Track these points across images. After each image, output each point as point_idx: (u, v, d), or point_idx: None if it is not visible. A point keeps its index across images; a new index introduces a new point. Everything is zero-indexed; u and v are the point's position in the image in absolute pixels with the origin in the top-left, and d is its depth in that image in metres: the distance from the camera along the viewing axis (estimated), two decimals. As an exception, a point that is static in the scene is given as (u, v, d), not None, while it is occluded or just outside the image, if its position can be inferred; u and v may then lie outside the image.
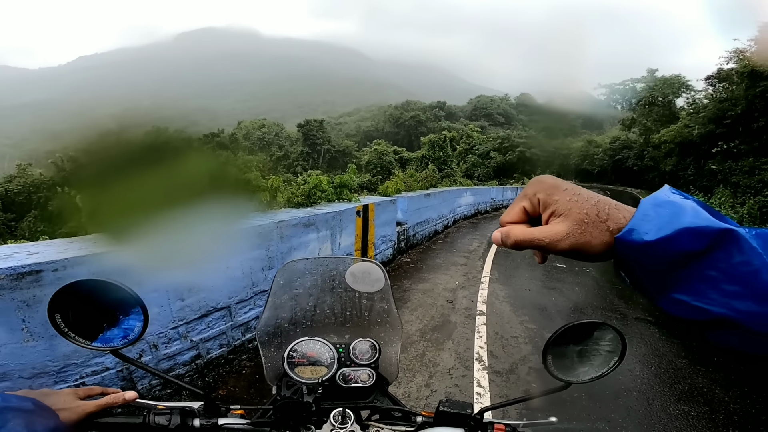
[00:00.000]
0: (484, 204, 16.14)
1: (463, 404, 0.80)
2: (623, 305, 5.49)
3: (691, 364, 3.78)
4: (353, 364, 0.96)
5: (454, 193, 11.86)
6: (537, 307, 5.12)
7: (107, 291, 0.70)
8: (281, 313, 1.04)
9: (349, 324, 1.07)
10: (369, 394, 0.96)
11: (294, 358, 0.95)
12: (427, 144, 27.46)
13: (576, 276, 6.92)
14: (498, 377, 3.34)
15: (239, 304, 3.25)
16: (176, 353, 2.78)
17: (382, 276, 1.04)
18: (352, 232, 4.95)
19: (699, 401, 3.14)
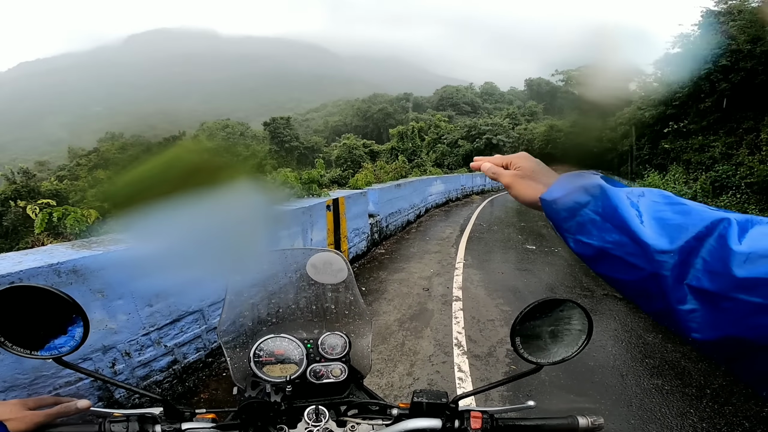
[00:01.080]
0: (454, 191, 16.38)
1: (438, 393, 0.78)
2: (591, 282, 5.69)
3: (660, 339, 3.95)
4: (323, 359, 0.93)
5: (424, 183, 11.94)
6: (510, 290, 5.24)
7: (43, 298, 0.67)
8: (242, 311, 1.00)
9: (317, 318, 1.03)
10: (344, 389, 0.94)
11: (261, 357, 0.91)
12: (396, 136, 27.50)
13: (546, 256, 7.13)
14: (478, 361, 3.40)
15: (212, 307, 3.15)
16: (151, 360, 2.71)
17: (345, 266, 1.00)
18: (323, 226, 4.88)
19: (670, 375, 3.26)
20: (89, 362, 2.32)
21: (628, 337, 3.95)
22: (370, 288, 5.19)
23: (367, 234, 6.80)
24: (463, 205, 15.28)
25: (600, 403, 2.85)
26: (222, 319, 0.96)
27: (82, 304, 2.17)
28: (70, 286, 2.21)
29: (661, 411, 2.79)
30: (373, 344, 3.55)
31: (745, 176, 16.01)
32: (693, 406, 2.85)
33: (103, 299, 2.38)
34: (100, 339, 2.37)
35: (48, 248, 2.52)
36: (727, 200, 15.88)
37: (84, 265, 2.27)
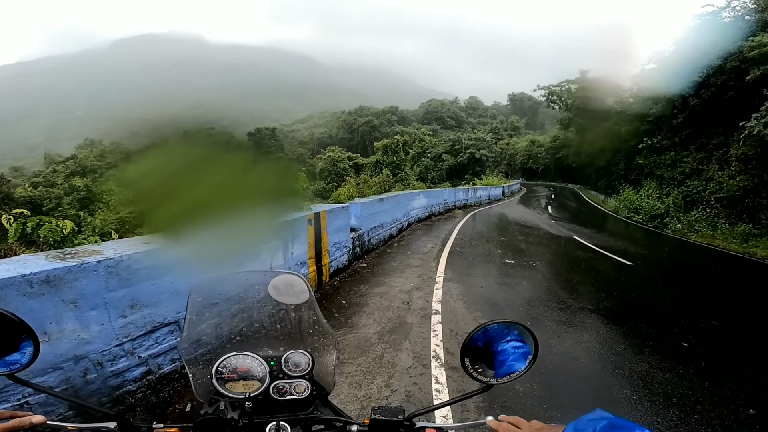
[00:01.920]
0: (437, 206, 16.52)
1: (395, 410, 0.80)
2: (567, 296, 5.85)
3: (630, 349, 4.10)
4: (287, 376, 0.95)
5: (407, 197, 12.06)
6: (489, 303, 5.34)
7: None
8: (205, 329, 1.01)
9: (281, 337, 1.04)
10: (308, 405, 0.95)
11: (224, 374, 0.92)
12: (381, 149, 27.69)
13: (524, 270, 7.28)
14: (455, 373, 3.45)
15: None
16: (124, 370, 2.70)
17: (306, 287, 1.03)
18: (304, 240, 4.90)
19: (639, 384, 3.38)
20: (60, 371, 2.32)
21: (600, 349, 4.07)
22: (350, 301, 5.21)
23: (349, 248, 6.83)
24: (446, 219, 15.46)
25: (571, 412, 2.93)
26: (183, 337, 0.98)
27: (54, 314, 2.21)
28: (42, 296, 2.21)
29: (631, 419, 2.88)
30: (345, 358, 3.60)
31: (714, 191, 16.64)
32: (660, 415, 2.97)
33: (76, 309, 2.39)
34: (72, 349, 2.38)
35: (21, 258, 2.51)
36: (698, 214, 16.47)
37: (57, 275, 2.28)
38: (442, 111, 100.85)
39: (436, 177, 33.13)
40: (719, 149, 18.07)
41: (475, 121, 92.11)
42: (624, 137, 28.15)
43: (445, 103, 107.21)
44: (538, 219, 17.06)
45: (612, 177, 31.91)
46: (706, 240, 13.63)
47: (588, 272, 7.44)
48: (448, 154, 35.33)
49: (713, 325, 4.91)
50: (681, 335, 4.53)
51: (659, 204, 18.88)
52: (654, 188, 20.94)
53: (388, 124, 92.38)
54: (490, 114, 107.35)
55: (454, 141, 36.65)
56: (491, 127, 62.45)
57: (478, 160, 35.12)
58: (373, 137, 71.38)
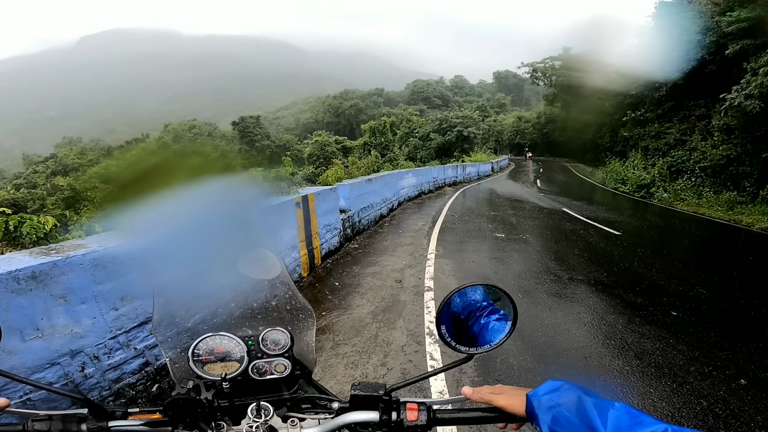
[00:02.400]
0: (426, 184, 16.55)
1: (375, 385, 0.78)
2: (558, 268, 5.96)
3: (621, 319, 4.18)
4: (266, 355, 0.92)
5: (396, 176, 12.04)
6: (481, 278, 5.41)
7: None
8: (176, 309, 0.97)
9: (260, 315, 1.00)
10: (291, 384, 0.94)
11: (200, 356, 0.89)
12: (368, 131, 27.40)
13: (515, 244, 7.37)
14: (449, 349, 3.50)
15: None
16: (122, 363, 2.70)
17: (276, 261, 0.99)
18: (293, 224, 4.88)
19: (630, 355, 3.44)
20: (57, 366, 2.33)
21: (591, 320, 4.16)
22: (343, 282, 5.24)
23: (339, 229, 6.83)
24: (436, 197, 15.50)
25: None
26: (155, 320, 0.95)
27: (44, 310, 2.19)
28: (30, 292, 2.19)
29: (622, 391, 2.96)
30: (340, 339, 3.63)
31: (698, 161, 16.92)
32: (652, 386, 3.02)
33: (66, 304, 2.37)
34: (67, 344, 2.37)
35: (5, 257, 2.47)
36: (683, 183, 16.78)
37: (43, 271, 2.25)
38: (428, 91, 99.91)
39: (425, 156, 33.01)
40: (701, 120, 18.35)
41: (462, 100, 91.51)
42: (608, 111, 28.33)
43: (431, 83, 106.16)
44: (527, 193, 17.20)
45: (598, 150, 32.15)
46: (692, 208, 13.91)
47: (577, 243, 7.56)
48: (436, 133, 35.15)
49: (701, 293, 5.03)
50: (670, 304, 4.64)
51: (645, 174, 19.15)
52: (639, 159, 21.20)
53: (375, 106, 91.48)
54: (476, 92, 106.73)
55: (442, 120, 36.42)
56: (478, 105, 62.20)
57: (466, 137, 35.00)
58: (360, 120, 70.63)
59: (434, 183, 17.83)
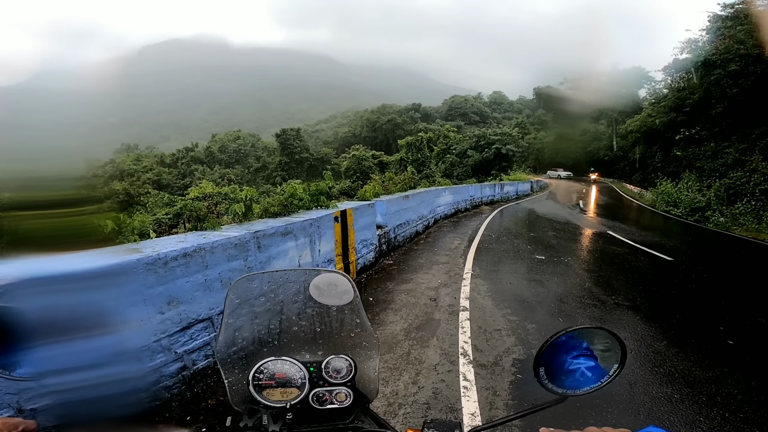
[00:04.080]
0: (463, 202, 16.34)
1: (451, 424, 0.73)
2: (602, 293, 5.66)
3: (671, 347, 3.92)
4: (327, 383, 0.89)
5: (432, 194, 11.98)
6: (518, 300, 5.22)
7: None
8: (242, 332, 0.96)
9: (321, 341, 0.98)
10: (348, 414, 0.89)
11: (261, 380, 0.87)
12: (405, 146, 27.60)
13: (555, 266, 7.09)
14: (483, 370, 3.40)
15: (221, 315, 3.22)
16: (161, 365, 2.78)
17: (350, 287, 0.95)
18: (331, 237, 4.96)
19: (681, 383, 3.22)
20: None
21: (638, 346, 3.91)
22: (378, 298, 5.23)
23: (375, 245, 6.85)
24: (472, 215, 15.26)
25: (607, 412, 2.84)
26: (219, 340, 0.92)
27: None
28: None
29: (669, 419, 2.77)
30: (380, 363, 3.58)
31: (759, 183, 15.73)
32: (703, 414, 2.83)
33: (117, 306, 2.48)
34: (114, 345, 2.45)
35: (66, 257, 2.64)
36: (742, 207, 15.59)
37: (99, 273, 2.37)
38: (465, 107, 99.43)
39: (462, 173, 32.69)
40: (762, 139, 17.14)
41: (500, 116, 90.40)
42: (659, 129, 27.06)
43: (468, 99, 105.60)
44: (569, 214, 16.58)
45: (648, 170, 30.70)
46: (751, 234, 12.88)
47: (623, 268, 7.17)
48: (474, 150, 34.81)
49: (761, 323, 4.63)
50: (726, 333, 4.30)
51: (699, 197, 17.98)
52: (694, 180, 19.97)
53: (411, 121, 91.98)
54: (515, 109, 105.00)
55: (479, 137, 36.06)
56: (517, 122, 61.10)
57: (505, 155, 34.40)
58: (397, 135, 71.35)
59: (471, 201, 17.58)
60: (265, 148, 73.86)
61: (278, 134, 67.33)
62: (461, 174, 32.44)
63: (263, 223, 3.96)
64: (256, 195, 5.29)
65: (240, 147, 71.38)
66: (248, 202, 4.04)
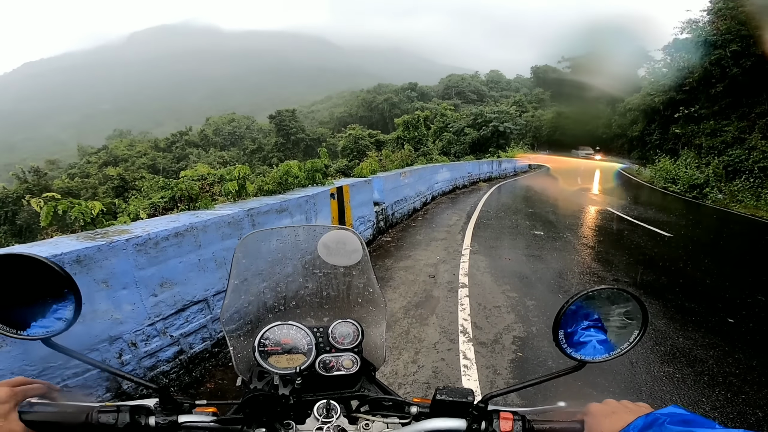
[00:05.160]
0: (461, 179, 16.27)
1: (464, 391, 0.70)
2: (601, 269, 5.63)
3: (671, 325, 3.88)
4: (333, 349, 0.87)
5: (430, 170, 11.86)
6: (517, 276, 5.19)
7: (35, 270, 0.63)
8: (247, 295, 0.92)
9: (327, 305, 0.96)
10: (355, 382, 0.87)
11: (266, 347, 0.84)
12: (402, 125, 27.18)
13: (554, 242, 7.05)
14: (483, 348, 3.37)
15: (216, 296, 3.15)
16: (157, 350, 2.70)
17: (360, 246, 0.92)
18: (327, 214, 4.86)
19: (682, 362, 3.18)
20: (96, 353, 2.31)
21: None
22: (376, 276, 5.17)
23: (373, 222, 6.77)
24: (470, 192, 15.18)
25: (608, 390, 2.80)
26: (225, 305, 0.89)
27: (87, 294, 2.12)
28: (75, 276, 2.21)
29: (671, 399, 2.74)
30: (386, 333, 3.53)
31: (758, 160, 15.64)
32: (705, 394, 2.79)
33: (107, 289, 2.37)
34: (107, 329, 2.37)
35: (53, 240, 2.53)
36: (740, 184, 15.55)
37: (87, 255, 2.26)
38: (462, 86, 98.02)
39: (459, 151, 32.42)
40: (762, 118, 17.01)
41: (498, 95, 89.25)
42: (658, 107, 26.78)
43: (465, 78, 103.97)
44: (568, 191, 16.52)
45: (646, 147, 30.50)
46: (749, 211, 12.86)
47: (623, 244, 7.13)
48: (471, 128, 34.42)
49: (760, 300, 4.61)
50: (726, 311, 4.27)
51: (698, 174, 17.90)
52: (692, 158, 19.87)
53: (408, 100, 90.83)
54: (513, 87, 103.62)
55: (477, 114, 35.60)
56: (515, 100, 60.37)
57: (502, 133, 34.05)
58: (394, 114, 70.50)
59: (469, 178, 17.50)
60: (260, 130, 73.07)
61: (273, 116, 66.44)
62: (459, 151, 32.22)
63: (258, 201, 3.85)
64: (249, 173, 5.17)
65: (235, 129, 70.54)
66: (241, 180, 3.92)
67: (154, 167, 51.86)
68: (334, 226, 0.98)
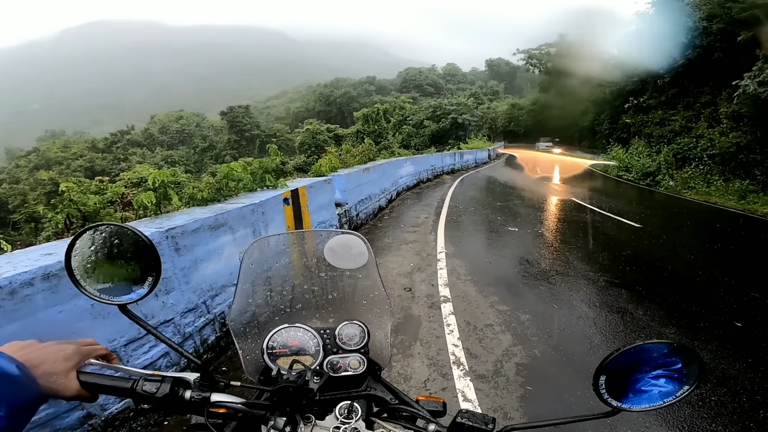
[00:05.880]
0: (425, 172, 15.79)
1: (485, 418, 0.68)
2: (587, 269, 5.22)
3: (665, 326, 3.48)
4: (340, 350, 0.89)
5: (394, 165, 11.20)
6: (502, 283, 4.61)
7: (123, 239, 0.68)
8: (255, 299, 0.93)
9: (333, 307, 0.97)
10: (361, 381, 0.87)
11: (275, 349, 0.86)
12: (361, 118, 26.34)
13: (530, 239, 6.67)
14: (484, 383, 2.72)
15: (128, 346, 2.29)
16: None
17: (365, 249, 0.91)
18: (281, 224, 4.02)
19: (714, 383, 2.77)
20: None
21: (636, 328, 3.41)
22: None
23: (336, 226, 5.99)
24: (435, 185, 14.72)
25: None
26: (233, 308, 0.89)
27: None
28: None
29: None
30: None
31: (706, 148, 16.26)
32: None
33: None
34: None
35: None
36: (691, 171, 16.11)
37: None
38: (420, 79, 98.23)
39: (419, 144, 32.19)
40: (707, 107, 17.76)
41: (454, 88, 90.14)
42: (608, 98, 27.71)
43: (423, 71, 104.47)
44: (529, 181, 16.51)
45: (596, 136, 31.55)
46: (702, 197, 13.25)
47: (600, 239, 6.77)
48: (430, 120, 34.27)
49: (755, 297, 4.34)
50: (731, 314, 3.92)
51: (650, 162, 18.47)
52: (643, 146, 20.54)
53: (366, 94, 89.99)
54: (468, 80, 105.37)
55: (436, 107, 35.52)
56: (471, 92, 61.17)
57: (461, 124, 34.16)
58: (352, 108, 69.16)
59: (433, 171, 17.07)
60: (212, 127, 69.39)
61: (225, 112, 63.28)
62: (419, 144, 32.04)
63: (186, 215, 2.96)
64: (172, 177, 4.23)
65: (183, 127, 66.42)
66: (161, 189, 3.00)
67: (93, 169, 47.87)
68: (339, 231, 0.98)
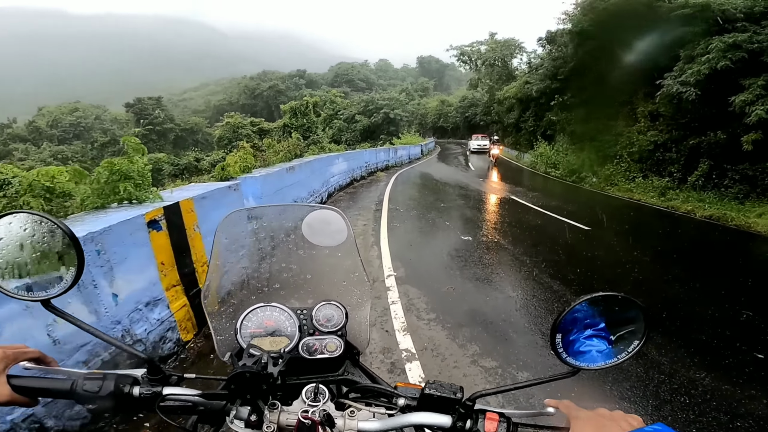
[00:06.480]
0: (358, 169, 14.56)
1: (452, 387, 0.68)
2: (564, 289, 4.35)
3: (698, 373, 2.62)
4: (317, 332, 0.84)
5: (325, 162, 9.82)
6: (477, 321, 3.50)
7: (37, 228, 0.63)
8: (229, 276, 0.89)
9: (311, 286, 0.92)
10: (338, 365, 0.84)
11: (249, 329, 0.82)
12: (289, 111, 24.33)
13: (491, 252, 5.73)
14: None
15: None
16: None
17: (344, 226, 0.87)
18: (147, 261, 2.50)
19: None
20: None
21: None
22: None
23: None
24: (369, 184, 13.58)
25: None
26: (206, 285, 0.85)
27: None
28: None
29: None
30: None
31: (626, 146, 17.07)
32: None
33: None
34: None
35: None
36: (613, 168, 16.78)
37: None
38: (352, 74, 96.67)
39: (351, 139, 30.99)
40: (625, 106, 18.73)
41: (386, 83, 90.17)
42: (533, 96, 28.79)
43: (355, 66, 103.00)
44: (465, 178, 16.13)
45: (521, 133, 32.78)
46: (625, 194, 13.67)
47: (560, 247, 6.09)
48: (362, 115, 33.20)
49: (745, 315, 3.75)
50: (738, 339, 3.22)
51: (574, 158, 19.11)
52: (568, 143, 21.30)
53: (296, 88, 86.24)
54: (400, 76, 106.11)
55: (368, 102, 34.56)
56: (403, 88, 61.30)
57: (393, 119, 33.59)
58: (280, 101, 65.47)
59: (366, 168, 15.88)
60: (115, 120, 61.47)
61: (131, 104, 56.37)
62: (350, 139, 30.86)
63: None
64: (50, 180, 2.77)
65: (79, 120, 57.92)
66: None
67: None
68: (319, 206, 0.86)
